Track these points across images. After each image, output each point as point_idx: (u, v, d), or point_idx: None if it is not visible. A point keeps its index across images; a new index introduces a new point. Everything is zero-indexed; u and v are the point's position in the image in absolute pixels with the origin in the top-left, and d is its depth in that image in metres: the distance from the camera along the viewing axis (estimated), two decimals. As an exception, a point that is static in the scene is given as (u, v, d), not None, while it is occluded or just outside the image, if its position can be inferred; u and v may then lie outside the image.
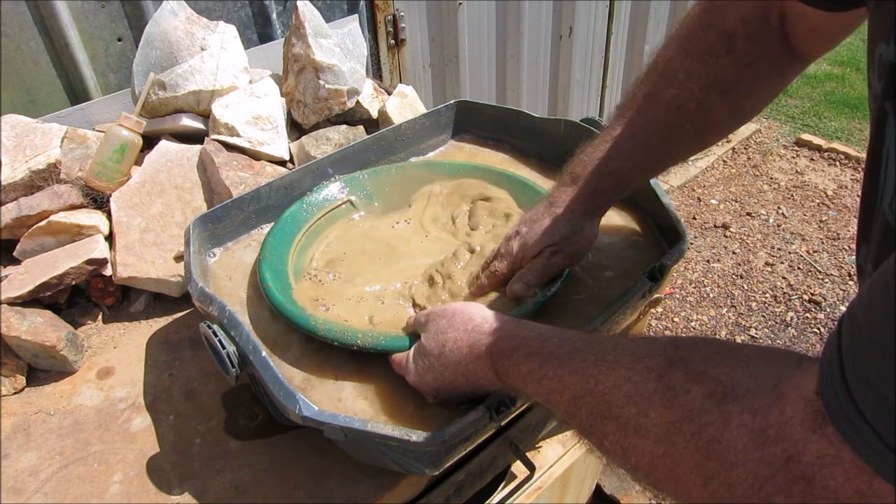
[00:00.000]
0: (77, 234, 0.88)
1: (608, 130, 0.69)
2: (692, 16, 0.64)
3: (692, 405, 0.37)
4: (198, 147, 0.99)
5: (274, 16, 1.34)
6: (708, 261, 2.46)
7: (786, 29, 0.60)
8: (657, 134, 0.65)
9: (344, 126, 1.09)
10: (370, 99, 1.16)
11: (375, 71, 1.62)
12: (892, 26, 0.35)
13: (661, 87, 0.64)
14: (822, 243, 2.50)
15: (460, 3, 1.69)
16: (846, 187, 2.77)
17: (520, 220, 0.74)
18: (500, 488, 0.90)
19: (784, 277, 2.36)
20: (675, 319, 2.24)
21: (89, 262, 0.83)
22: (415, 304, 0.73)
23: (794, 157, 3.03)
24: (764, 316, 2.21)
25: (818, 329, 2.14)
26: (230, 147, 0.99)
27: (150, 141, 0.99)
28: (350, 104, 1.10)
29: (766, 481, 0.32)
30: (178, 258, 0.88)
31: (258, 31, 1.34)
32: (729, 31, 0.60)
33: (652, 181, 0.82)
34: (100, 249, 0.85)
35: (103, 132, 0.95)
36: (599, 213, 0.71)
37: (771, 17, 0.59)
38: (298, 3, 1.06)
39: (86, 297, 0.89)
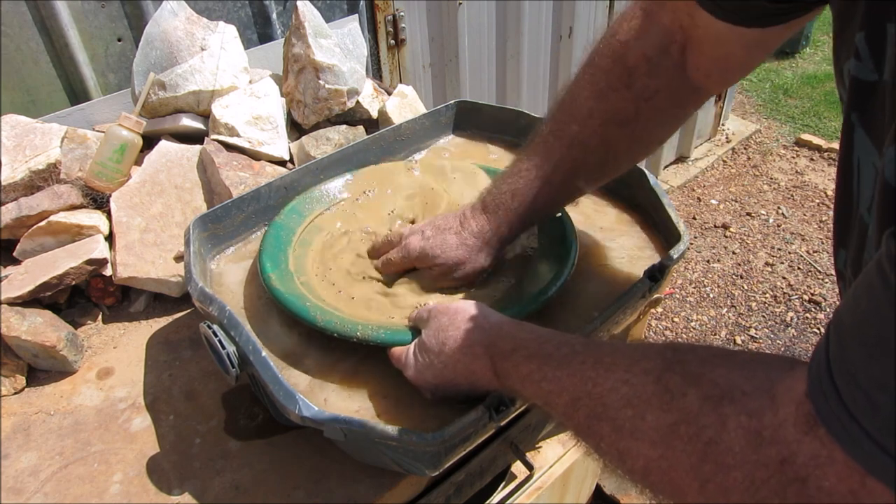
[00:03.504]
0: (77, 234, 0.88)
1: (518, 163, 0.71)
2: (600, 49, 0.65)
3: (690, 408, 0.37)
4: (198, 147, 0.99)
5: (274, 16, 1.34)
6: (708, 261, 2.46)
7: (686, 61, 0.61)
8: (560, 171, 0.68)
9: (344, 126, 1.09)
10: (370, 99, 1.16)
11: (375, 71, 1.62)
12: (852, 43, 0.36)
13: (565, 123, 0.67)
14: (822, 243, 2.50)
15: (460, 3, 1.69)
16: (846, 187, 2.77)
17: (429, 220, 0.76)
18: (500, 488, 0.90)
19: (784, 277, 2.36)
20: (675, 319, 2.24)
21: (89, 262, 0.83)
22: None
23: (794, 157, 3.04)
24: (764, 316, 2.22)
25: (818, 329, 2.14)
26: (230, 147, 0.99)
27: (150, 141, 0.99)
28: (350, 104, 1.10)
29: (762, 483, 0.33)
30: (178, 258, 0.88)
31: (258, 31, 1.34)
32: (630, 67, 0.62)
33: (652, 181, 0.82)
34: (100, 249, 0.85)
35: (103, 132, 0.95)
36: (501, 246, 0.74)
37: (672, 49, 0.61)
38: (298, 3, 1.06)
39: (86, 297, 0.89)
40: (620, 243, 0.83)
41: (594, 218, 0.87)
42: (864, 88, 0.36)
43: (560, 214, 0.80)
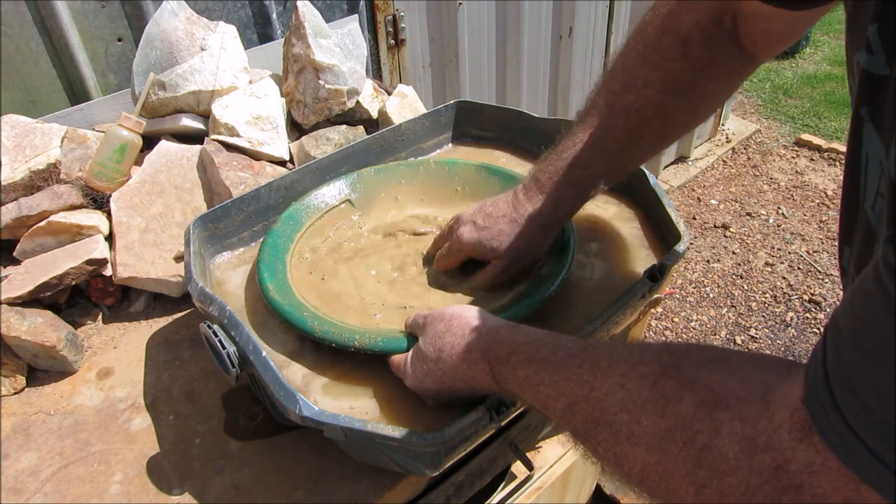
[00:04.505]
0: (77, 234, 0.88)
1: (570, 137, 0.69)
2: (648, 21, 0.64)
3: (684, 413, 0.37)
4: (198, 147, 0.99)
5: (274, 16, 1.34)
6: (708, 261, 2.46)
7: (738, 31, 0.60)
8: (616, 141, 0.66)
9: (344, 126, 1.09)
10: (370, 99, 1.16)
11: (375, 71, 1.62)
12: (864, 35, 0.36)
13: (620, 93, 0.65)
14: (822, 243, 2.50)
15: (460, 3, 1.69)
16: (846, 187, 2.77)
17: (478, 207, 0.73)
18: (500, 488, 0.90)
19: (784, 277, 2.36)
20: (675, 319, 2.24)
21: (89, 262, 0.83)
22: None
23: (794, 157, 3.04)
24: (764, 316, 2.22)
25: (818, 329, 2.14)
26: (230, 147, 0.99)
27: (150, 141, 0.99)
28: (350, 104, 1.10)
29: (756, 490, 0.33)
30: (178, 258, 0.88)
31: (258, 31, 1.34)
32: (684, 36, 0.61)
33: (652, 181, 0.82)
34: (100, 249, 0.85)
35: (103, 132, 0.95)
36: (558, 226, 0.72)
37: (725, 19, 0.60)
38: (298, 3, 1.06)
39: (86, 297, 0.89)
40: (620, 243, 0.83)
41: (594, 217, 0.87)
42: (875, 82, 0.35)
43: None
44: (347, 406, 0.64)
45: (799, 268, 2.39)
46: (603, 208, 0.89)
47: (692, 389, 0.38)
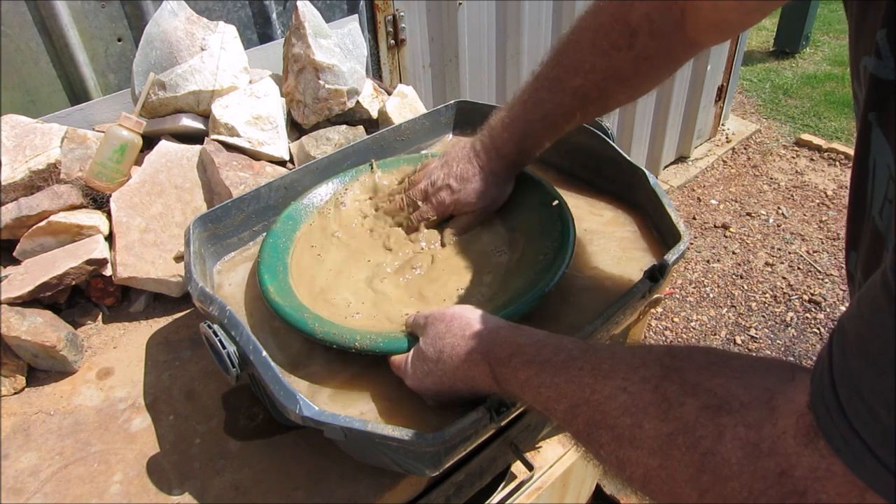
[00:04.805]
0: (77, 234, 0.88)
1: (523, 104, 0.78)
2: (602, 6, 0.68)
3: (687, 418, 0.37)
4: (198, 147, 0.99)
5: (274, 16, 1.34)
6: (708, 261, 2.46)
7: (684, 21, 0.63)
8: (563, 117, 0.76)
9: (344, 126, 1.09)
10: (370, 99, 1.16)
11: (375, 71, 1.62)
12: (873, 40, 0.35)
13: (570, 75, 0.72)
14: (822, 243, 2.50)
15: (460, 3, 1.69)
16: (846, 187, 2.77)
17: (444, 170, 0.83)
18: (500, 488, 0.90)
19: (784, 277, 2.36)
20: (675, 319, 2.24)
21: (89, 262, 0.83)
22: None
23: (794, 157, 3.04)
24: (764, 316, 2.22)
25: (818, 329, 2.14)
26: (230, 147, 0.99)
27: (150, 141, 0.99)
28: (350, 104, 1.10)
29: (760, 495, 0.32)
30: (178, 258, 0.88)
31: (258, 31, 1.34)
32: (633, 27, 0.65)
33: (652, 181, 0.82)
34: (100, 249, 0.85)
35: (103, 132, 0.95)
36: (513, 177, 0.85)
37: (674, 9, 0.63)
38: (298, 3, 1.06)
39: (86, 297, 0.89)
40: (620, 243, 0.83)
41: (594, 217, 0.87)
42: (884, 88, 0.35)
43: (559, 213, 0.80)
44: (347, 407, 0.64)
45: (799, 268, 2.40)
46: (602, 208, 0.89)
47: (695, 394, 0.37)
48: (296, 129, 1.11)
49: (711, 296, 2.31)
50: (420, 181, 0.84)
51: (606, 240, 0.83)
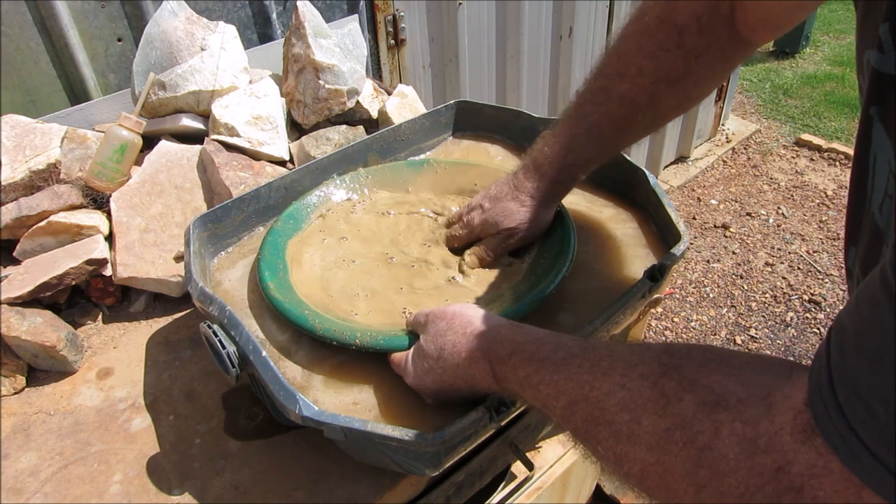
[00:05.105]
0: (77, 234, 0.88)
1: (566, 120, 0.74)
2: (646, 8, 0.65)
3: (685, 414, 0.37)
4: (198, 147, 0.99)
5: (274, 16, 1.34)
6: (708, 261, 2.46)
7: (735, 17, 0.61)
8: (610, 127, 0.71)
9: (344, 126, 1.09)
10: (370, 99, 1.16)
11: (375, 71, 1.62)
12: (876, 34, 0.35)
13: (616, 82, 0.68)
14: (822, 243, 2.50)
15: (460, 3, 1.69)
16: (846, 187, 2.77)
17: (483, 193, 0.80)
18: (500, 488, 0.90)
19: (784, 277, 2.36)
20: (675, 319, 2.24)
21: (89, 262, 0.83)
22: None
23: (794, 157, 3.04)
24: (764, 316, 2.22)
25: (818, 329, 2.14)
26: (230, 147, 0.99)
27: (150, 141, 0.99)
28: (350, 104, 1.10)
29: (756, 491, 0.32)
30: (178, 258, 0.88)
31: (258, 31, 1.34)
32: (680, 26, 0.62)
33: (652, 181, 0.82)
34: (100, 249, 0.85)
35: (103, 132, 0.95)
36: (556, 202, 0.80)
37: (722, 7, 0.61)
38: (298, 3, 1.06)
39: (86, 297, 0.89)
40: (620, 243, 0.83)
41: (594, 217, 0.87)
42: (886, 82, 0.35)
43: (560, 217, 0.80)
44: (350, 402, 0.64)
45: (799, 268, 2.40)
46: (602, 208, 0.89)
47: (692, 390, 0.37)
48: (296, 129, 1.11)
49: (711, 296, 2.31)
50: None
51: (606, 238, 0.83)
